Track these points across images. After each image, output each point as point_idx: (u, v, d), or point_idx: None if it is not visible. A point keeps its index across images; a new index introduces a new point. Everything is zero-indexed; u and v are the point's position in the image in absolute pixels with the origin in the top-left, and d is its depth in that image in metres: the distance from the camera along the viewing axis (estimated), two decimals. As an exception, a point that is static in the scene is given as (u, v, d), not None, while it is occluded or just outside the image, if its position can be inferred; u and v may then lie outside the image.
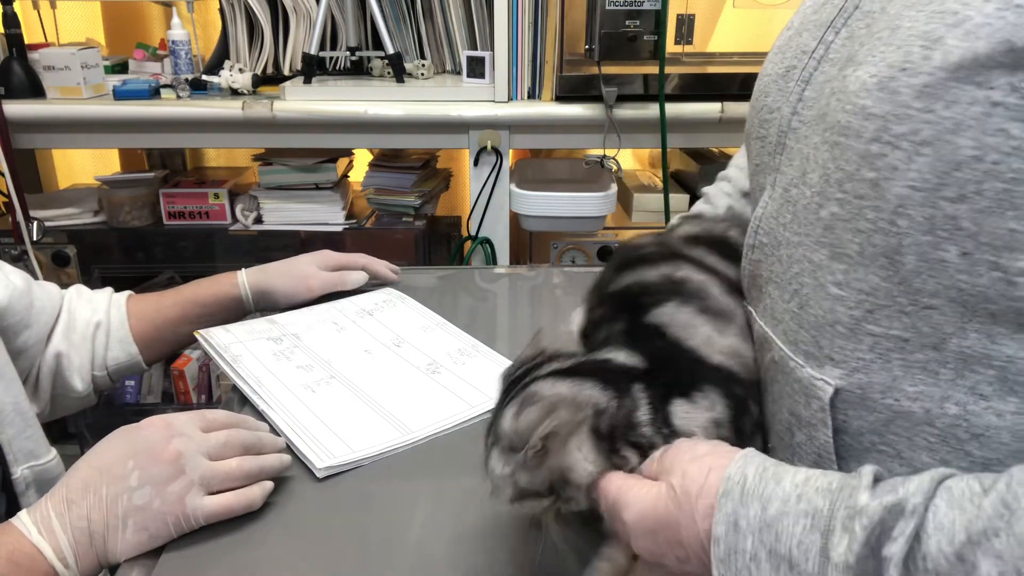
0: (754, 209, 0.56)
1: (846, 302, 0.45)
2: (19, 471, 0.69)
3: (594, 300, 0.62)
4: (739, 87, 1.57)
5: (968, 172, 0.37)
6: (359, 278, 0.99)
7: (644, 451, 0.49)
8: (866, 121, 0.41)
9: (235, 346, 0.84)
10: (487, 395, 0.77)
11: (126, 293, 0.92)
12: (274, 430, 0.71)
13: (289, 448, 0.68)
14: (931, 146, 0.38)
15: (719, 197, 0.78)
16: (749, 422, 0.53)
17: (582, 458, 0.48)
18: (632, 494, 0.47)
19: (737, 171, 0.78)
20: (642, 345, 0.53)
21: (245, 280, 0.93)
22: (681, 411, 0.50)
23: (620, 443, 0.49)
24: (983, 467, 0.41)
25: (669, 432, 0.49)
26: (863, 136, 0.42)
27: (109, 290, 0.92)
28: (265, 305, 0.96)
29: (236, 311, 0.94)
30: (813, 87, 0.49)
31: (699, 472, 0.44)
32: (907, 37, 0.40)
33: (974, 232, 0.38)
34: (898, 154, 0.40)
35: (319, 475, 0.65)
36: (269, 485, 0.62)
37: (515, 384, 0.52)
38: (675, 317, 0.54)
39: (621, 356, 0.52)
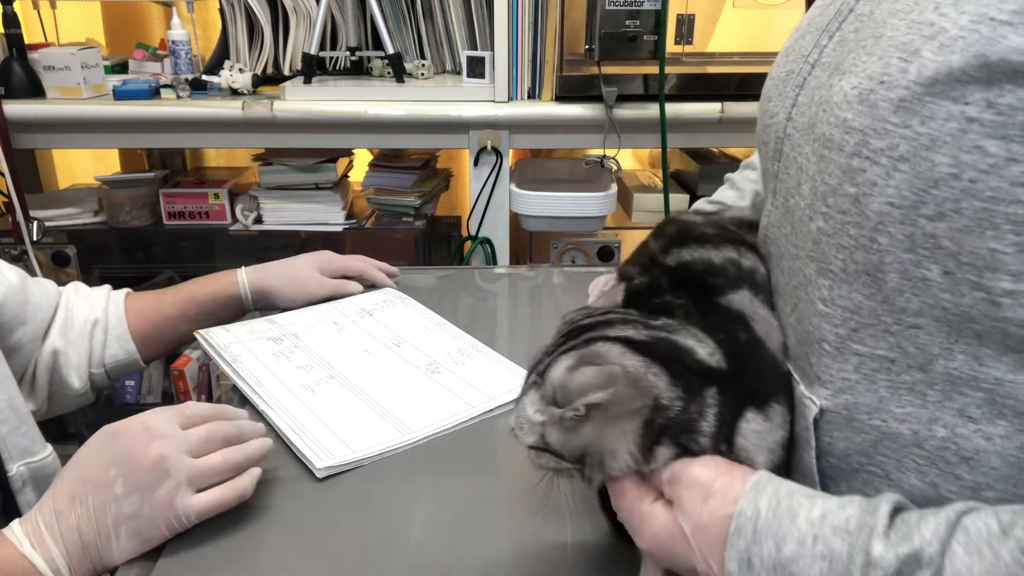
0: (761, 217, 0.55)
1: (831, 319, 0.44)
2: (14, 468, 0.68)
3: (638, 268, 0.58)
4: (739, 87, 1.57)
5: (945, 190, 0.36)
6: (357, 289, 1.00)
7: (684, 455, 0.46)
8: (847, 135, 0.40)
9: (235, 346, 0.84)
10: (487, 395, 0.77)
11: (124, 291, 0.92)
12: (273, 430, 0.71)
13: (285, 445, 0.68)
14: (908, 162, 0.37)
15: (745, 183, 0.76)
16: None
17: (625, 448, 0.45)
18: (645, 525, 0.45)
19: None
20: (724, 334, 0.49)
21: (245, 279, 0.93)
22: (752, 429, 0.46)
23: (665, 441, 0.45)
24: (973, 491, 0.40)
25: (727, 449, 0.46)
26: (844, 150, 0.41)
27: (107, 287, 0.91)
28: (264, 305, 0.96)
29: (235, 310, 0.94)
30: (806, 92, 0.48)
31: (712, 522, 0.43)
32: (887, 47, 0.39)
33: (955, 252, 0.37)
34: (877, 170, 0.39)
35: (319, 475, 0.65)
36: (257, 472, 0.61)
37: (578, 332, 0.49)
38: (756, 311, 0.51)
39: (703, 350, 0.47)
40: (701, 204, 0.77)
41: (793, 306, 0.49)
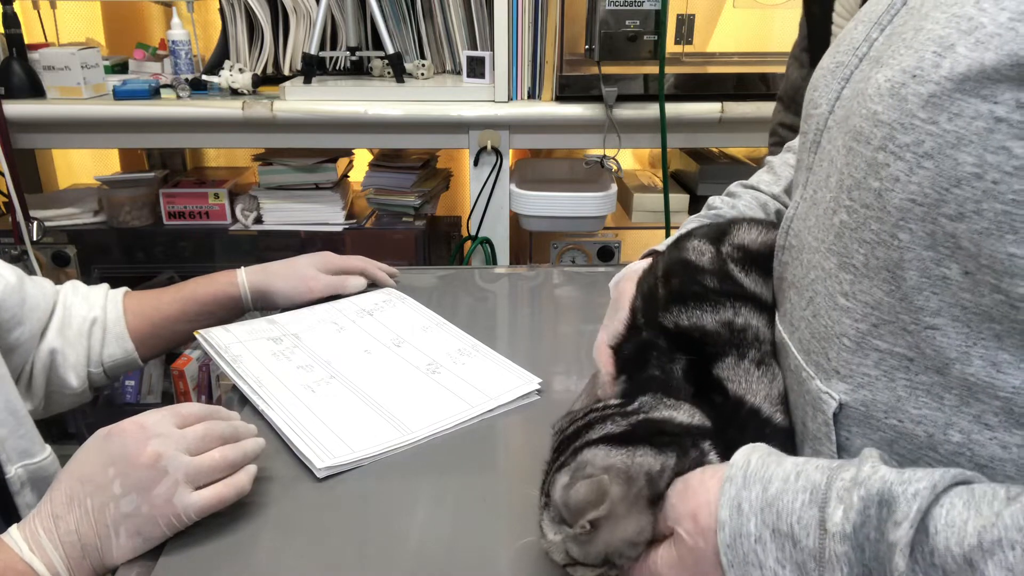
0: (788, 208, 0.54)
1: (852, 314, 0.44)
2: (13, 470, 0.68)
3: (640, 319, 0.59)
4: (739, 87, 1.57)
5: (968, 190, 0.36)
6: (358, 283, 1.00)
7: None
8: (875, 128, 0.40)
9: (235, 346, 0.84)
10: (487, 395, 0.77)
11: (123, 290, 0.92)
12: (273, 430, 0.71)
13: (285, 444, 0.69)
14: (932, 159, 0.37)
15: (784, 168, 0.75)
16: None
17: (639, 524, 0.46)
18: (658, 563, 0.45)
19: None
20: (702, 401, 0.51)
21: (244, 279, 0.93)
22: None
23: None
24: None
25: None
26: (871, 143, 0.40)
27: (105, 286, 0.91)
28: (264, 305, 0.96)
29: (235, 310, 0.94)
30: (851, 86, 0.47)
31: (709, 506, 0.43)
32: (924, 41, 0.38)
33: (974, 253, 0.36)
34: (900, 165, 0.38)
35: (319, 475, 0.65)
36: (254, 469, 0.61)
37: (566, 444, 0.50)
38: (735, 372, 0.53)
39: (681, 415, 0.50)
40: (734, 188, 0.76)
41: (809, 300, 0.48)
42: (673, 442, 0.47)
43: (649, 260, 0.69)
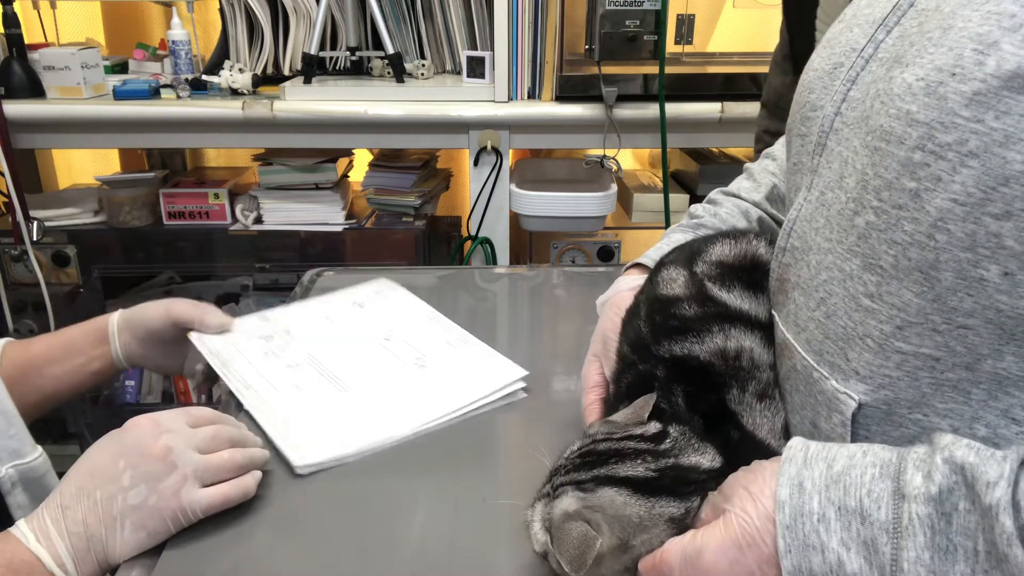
0: (788, 210, 0.54)
1: (877, 315, 0.43)
2: (3, 470, 0.68)
3: (632, 353, 0.58)
4: (739, 87, 1.57)
5: (1016, 188, 0.35)
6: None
7: None
8: (910, 127, 0.39)
9: (227, 349, 0.84)
10: (478, 388, 0.76)
11: (3, 340, 0.82)
12: (260, 427, 0.71)
13: (273, 445, 0.69)
14: (978, 158, 0.36)
15: (764, 175, 0.75)
16: None
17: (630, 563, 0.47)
18: (700, 538, 0.44)
19: (784, 150, 0.74)
20: (720, 438, 0.51)
21: (115, 318, 0.84)
22: None
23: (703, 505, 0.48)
24: None
25: None
26: (906, 143, 0.40)
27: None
28: (134, 347, 0.84)
29: (106, 345, 0.84)
30: (859, 87, 0.46)
31: (764, 482, 0.43)
32: (959, 39, 0.38)
33: (1018, 252, 0.36)
34: (942, 164, 0.38)
35: (299, 472, 0.65)
36: (259, 475, 0.62)
37: (593, 462, 0.49)
38: (743, 406, 0.53)
39: (706, 461, 0.50)
40: (715, 195, 0.76)
41: (820, 301, 0.48)
42: (697, 489, 0.47)
43: (634, 277, 0.69)
